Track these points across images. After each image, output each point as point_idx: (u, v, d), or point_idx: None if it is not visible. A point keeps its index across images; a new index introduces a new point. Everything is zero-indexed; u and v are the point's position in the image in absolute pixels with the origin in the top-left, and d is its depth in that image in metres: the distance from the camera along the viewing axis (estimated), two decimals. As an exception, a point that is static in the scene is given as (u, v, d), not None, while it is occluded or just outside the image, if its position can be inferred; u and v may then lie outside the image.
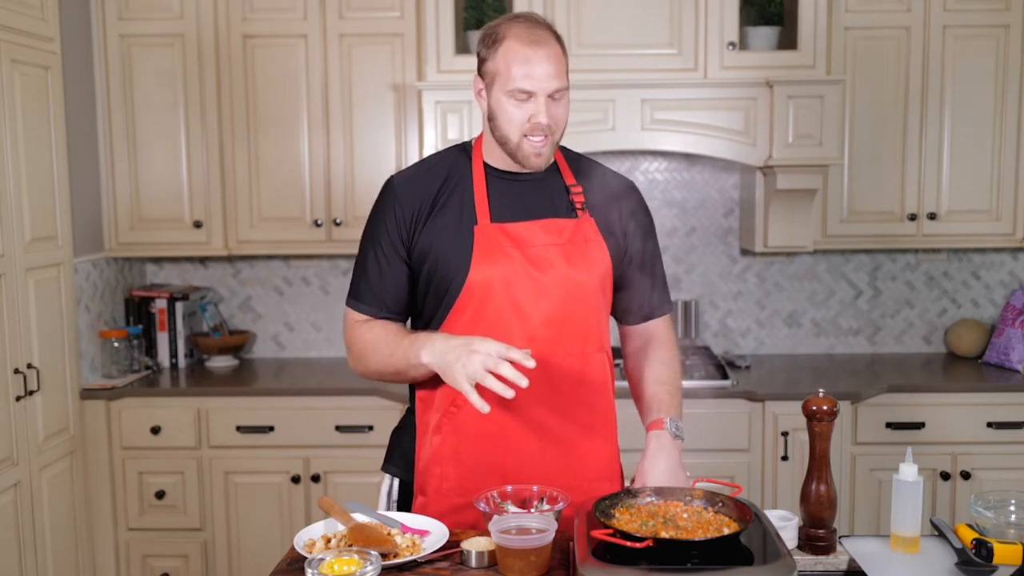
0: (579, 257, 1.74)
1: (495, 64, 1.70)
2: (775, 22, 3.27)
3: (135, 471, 3.25)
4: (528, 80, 1.67)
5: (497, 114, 1.72)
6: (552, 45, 1.69)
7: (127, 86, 3.37)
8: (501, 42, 1.70)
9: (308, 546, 1.55)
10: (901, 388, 3.17)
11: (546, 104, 1.68)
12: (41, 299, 2.96)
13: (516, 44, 1.68)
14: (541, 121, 1.68)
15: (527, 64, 1.67)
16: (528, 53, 1.67)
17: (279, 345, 3.81)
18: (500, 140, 1.74)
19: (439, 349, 1.63)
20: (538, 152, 1.72)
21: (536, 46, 1.68)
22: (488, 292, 1.70)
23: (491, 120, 1.74)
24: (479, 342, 1.58)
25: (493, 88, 1.72)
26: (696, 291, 3.69)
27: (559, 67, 1.69)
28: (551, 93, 1.68)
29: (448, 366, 1.60)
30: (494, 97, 1.72)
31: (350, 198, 3.39)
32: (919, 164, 3.34)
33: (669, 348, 1.87)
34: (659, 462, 1.69)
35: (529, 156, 1.72)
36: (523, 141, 1.71)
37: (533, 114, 1.68)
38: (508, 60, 1.68)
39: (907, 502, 1.62)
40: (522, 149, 1.72)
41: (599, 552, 1.36)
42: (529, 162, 1.73)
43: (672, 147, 3.17)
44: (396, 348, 1.71)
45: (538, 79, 1.67)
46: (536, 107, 1.68)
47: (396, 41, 3.33)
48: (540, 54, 1.67)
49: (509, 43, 1.69)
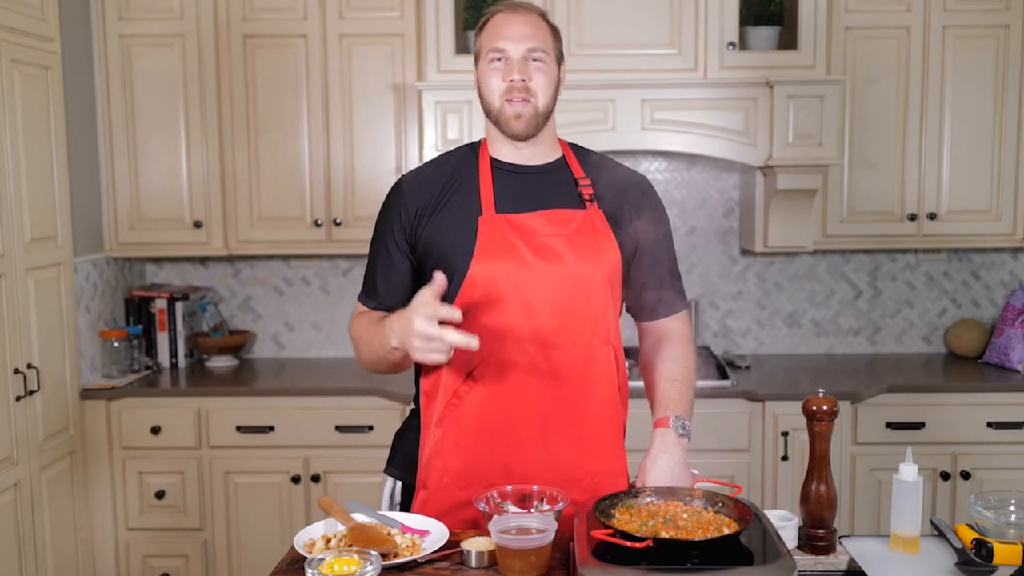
0: (586, 248, 1.73)
1: (480, 41, 1.77)
2: (775, 22, 3.27)
3: (135, 471, 3.25)
4: (502, 39, 1.72)
5: (481, 84, 1.77)
6: (532, 15, 1.75)
7: (127, 86, 3.37)
8: (487, 22, 1.77)
9: (308, 546, 1.55)
10: (901, 388, 3.17)
11: (522, 64, 1.72)
12: (41, 299, 2.96)
13: (498, 15, 1.76)
14: (515, 78, 1.71)
15: (503, 27, 1.73)
16: (506, 18, 1.74)
17: (279, 345, 3.81)
18: (487, 111, 1.77)
19: (396, 331, 1.60)
20: (517, 114, 1.73)
21: (514, 13, 1.75)
22: (492, 282, 1.70)
23: (480, 98, 1.78)
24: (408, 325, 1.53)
25: (479, 63, 1.77)
26: (696, 291, 3.69)
27: (537, 31, 1.73)
28: (527, 54, 1.72)
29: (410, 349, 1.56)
30: (480, 70, 1.77)
31: (350, 198, 3.39)
32: (919, 164, 3.34)
33: (683, 345, 1.86)
34: (660, 461, 1.68)
35: (510, 119, 1.74)
36: (504, 105, 1.73)
37: (506, 73, 1.72)
38: (489, 32, 1.75)
39: (907, 502, 1.62)
40: (503, 112, 1.74)
41: (599, 552, 1.36)
42: (510, 126, 1.74)
43: (672, 147, 3.17)
44: (374, 336, 1.71)
45: (512, 38, 1.72)
46: (510, 66, 1.72)
47: (396, 41, 3.33)
48: (517, 18, 1.74)
49: (493, 19, 1.76)
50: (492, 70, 1.73)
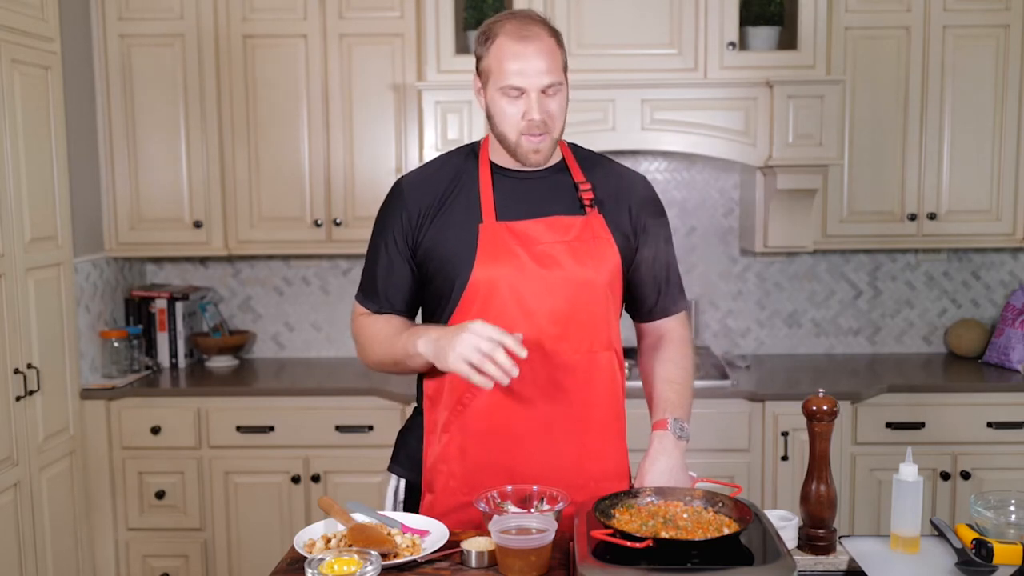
0: (587, 254, 1.73)
1: (488, 62, 1.71)
2: (775, 22, 3.27)
3: (135, 471, 3.25)
4: (519, 77, 1.66)
5: (493, 112, 1.73)
6: (543, 39, 1.68)
7: (127, 86, 3.37)
8: (493, 40, 1.70)
9: (308, 546, 1.55)
10: (901, 388, 3.17)
11: (539, 100, 1.68)
12: (41, 299, 2.96)
13: (507, 41, 1.68)
14: (534, 118, 1.68)
15: (517, 60, 1.66)
16: (518, 49, 1.66)
17: (279, 345, 3.81)
18: (499, 137, 1.74)
19: (432, 337, 1.64)
20: (536, 149, 1.72)
21: (526, 42, 1.67)
22: (493, 290, 1.70)
23: (489, 119, 1.75)
24: (472, 324, 1.57)
25: (488, 86, 1.72)
26: (696, 291, 3.69)
27: (551, 62, 1.68)
28: (543, 88, 1.68)
29: (441, 350, 1.60)
30: (490, 95, 1.72)
31: (350, 198, 3.39)
32: (919, 164, 3.34)
33: (682, 346, 1.86)
34: (659, 463, 1.68)
35: (528, 154, 1.72)
36: (521, 139, 1.71)
37: (526, 111, 1.68)
38: (499, 57, 1.68)
39: (907, 502, 1.62)
40: (521, 147, 1.72)
41: (599, 552, 1.36)
42: (528, 159, 1.73)
43: (672, 147, 3.17)
44: (396, 340, 1.73)
45: (528, 75, 1.66)
46: (529, 104, 1.68)
47: (396, 41, 3.33)
48: (530, 49, 1.66)
49: (500, 40, 1.69)
50: (507, 103, 1.69)
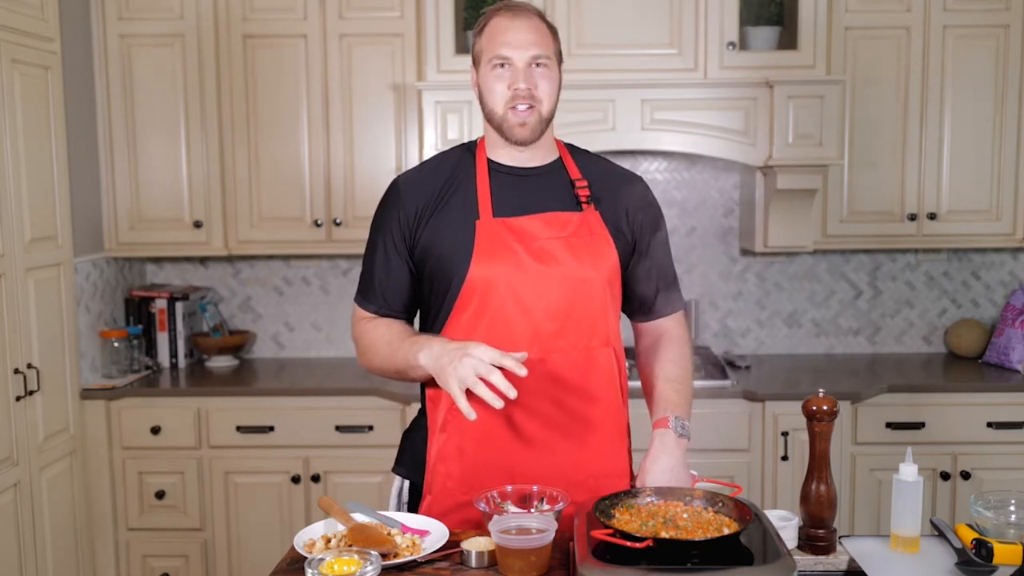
0: (584, 251, 1.74)
1: (481, 44, 1.76)
2: (775, 22, 3.27)
3: (135, 471, 3.25)
4: (506, 47, 1.71)
5: (484, 91, 1.75)
6: (533, 19, 1.74)
7: (127, 86, 3.37)
8: (487, 24, 1.76)
9: (308, 546, 1.55)
10: (901, 388, 3.17)
11: (527, 72, 1.71)
12: (41, 299, 2.96)
13: (499, 19, 1.74)
14: (520, 86, 1.70)
15: (506, 33, 1.72)
16: (507, 23, 1.72)
17: (279, 345, 3.81)
18: (488, 116, 1.76)
19: (436, 351, 1.63)
20: (522, 122, 1.73)
21: (516, 18, 1.73)
22: (490, 287, 1.70)
23: (481, 102, 1.77)
24: (474, 347, 1.56)
25: (480, 67, 1.76)
26: (696, 291, 3.69)
27: (539, 37, 1.72)
28: (531, 61, 1.71)
29: (441, 369, 1.60)
30: (481, 74, 1.76)
31: (350, 198, 3.39)
32: (919, 164, 3.34)
33: (680, 345, 1.86)
34: (660, 461, 1.68)
35: (514, 127, 1.73)
36: (507, 113, 1.73)
37: (512, 81, 1.71)
38: (491, 36, 1.73)
39: (907, 502, 1.62)
40: (507, 120, 1.73)
41: (599, 552, 1.36)
42: (514, 133, 1.74)
43: (672, 147, 3.17)
44: (398, 348, 1.72)
45: (515, 46, 1.71)
46: (515, 74, 1.71)
47: (396, 41, 3.33)
48: (519, 23, 1.72)
49: (493, 21, 1.75)
50: (496, 77, 1.72)
